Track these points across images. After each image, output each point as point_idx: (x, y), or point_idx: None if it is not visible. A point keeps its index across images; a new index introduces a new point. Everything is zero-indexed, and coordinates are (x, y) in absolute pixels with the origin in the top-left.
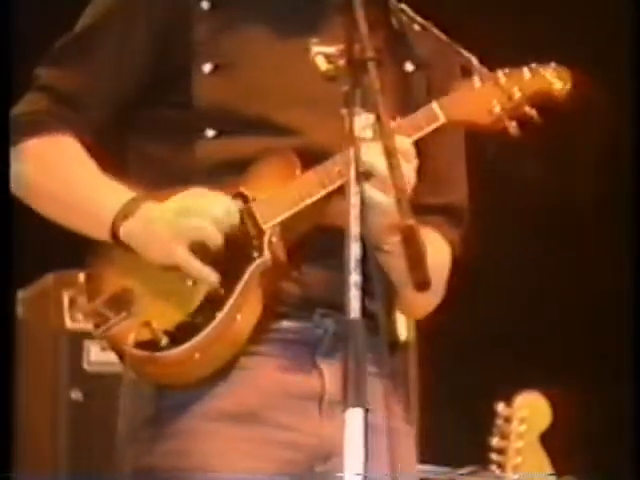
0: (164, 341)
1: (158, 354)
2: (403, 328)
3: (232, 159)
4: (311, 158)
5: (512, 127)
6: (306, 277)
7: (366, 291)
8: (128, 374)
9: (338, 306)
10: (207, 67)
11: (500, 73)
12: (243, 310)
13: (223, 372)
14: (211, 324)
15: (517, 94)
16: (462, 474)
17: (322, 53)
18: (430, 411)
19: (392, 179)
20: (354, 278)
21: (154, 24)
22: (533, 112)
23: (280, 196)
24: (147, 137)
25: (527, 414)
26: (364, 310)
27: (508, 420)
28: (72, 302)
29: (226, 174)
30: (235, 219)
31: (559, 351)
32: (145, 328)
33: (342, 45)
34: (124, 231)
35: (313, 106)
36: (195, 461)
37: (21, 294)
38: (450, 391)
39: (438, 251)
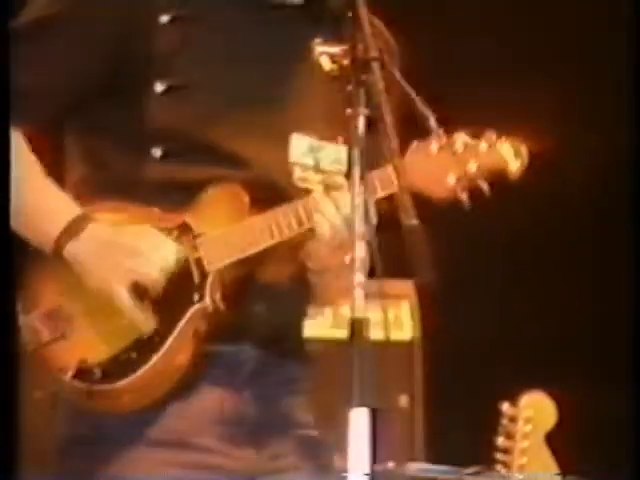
0: (97, 374)
1: (94, 387)
2: (409, 328)
3: (178, 182)
4: (258, 191)
5: (463, 198)
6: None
7: None
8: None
9: (263, 338)
10: (159, 86)
11: (458, 142)
12: (178, 352)
13: (155, 405)
14: (146, 364)
15: (473, 168)
16: (468, 474)
17: (326, 53)
18: (435, 411)
19: (396, 178)
20: (359, 278)
21: (111, 31)
22: (485, 186)
23: (227, 239)
24: (95, 140)
25: (532, 414)
26: None
27: (513, 420)
28: None
29: (172, 197)
30: (179, 264)
31: (564, 351)
32: (81, 363)
33: (346, 45)
34: (69, 251)
35: (264, 136)
36: None
37: None
38: (455, 391)
39: None
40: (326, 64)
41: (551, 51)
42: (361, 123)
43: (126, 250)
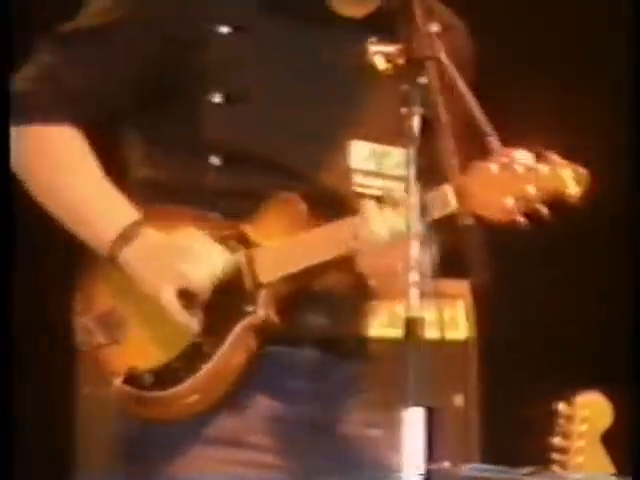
0: (148, 380)
1: (144, 394)
2: (464, 327)
3: (236, 191)
4: (316, 201)
5: (522, 222)
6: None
7: None
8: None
9: (321, 340)
10: (217, 97)
11: (519, 163)
12: (228, 362)
13: (207, 410)
14: (197, 373)
15: (532, 192)
16: (524, 474)
17: (380, 52)
18: (490, 410)
19: (450, 181)
20: (413, 277)
21: (169, 39)
22: (545, 210)
23: (284, 251)
24: (154, 145)
25: (588, 413)
26: None
27: (569, 420)
28: None
29: (230, 205)
30: (228, 273)
31: (620, 350)
32: (132, 369)
33: (401, 44)
34: (124, 256)
35: (323, 146)
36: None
37: None
38: (510, 390)
39: None
40: (380, 63)
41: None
42: (416, 122)
43: (176, 254)
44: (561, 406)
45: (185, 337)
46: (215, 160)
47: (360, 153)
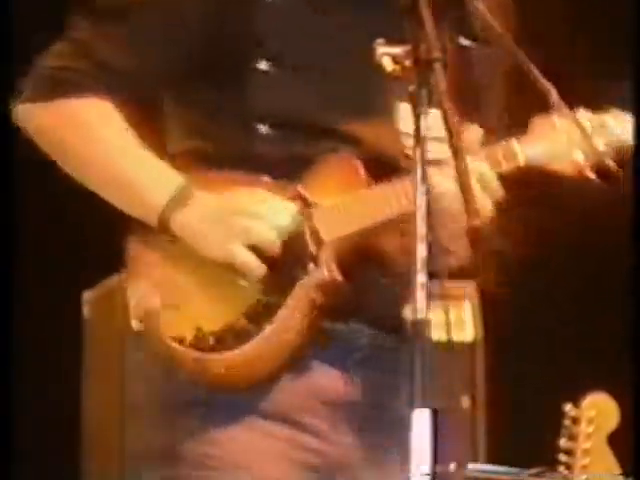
0: (211, 342)
1: (207, 356)
2: (470, 329)
3: (285, 158)
4: (369, 165)
5: (592, 176)
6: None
7: None
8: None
9: (372, 319)
10: (263, 64)
11: (584, 118)
12: (293, 323)
13: (265, 379)
14: (260, 334)
15: (602, 146)
16: (530, 475)
17: (388, 54)
18: (497, 412)
19: (459, 179)
20: (421, 279)
21: (210, 6)
22: (614, 165)
23: (344, 209)
24: (198, 116)
25: (595, 415)
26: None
27: (576, 421)
28: None
29: (280, 171)
30: (296, 227)
31: (627, 352)
32: (197, 331)
33: (408, 45)
34: (176, 222)
35: (371, 111)
36: (225, 451)
37: (87, 295)
38: (517, 392)
39: None
40: (388, 65)
41: None
42: (424, 123)
43: (241, 212)
44: (568, 407)
45: (247, 298)
46: (262, 128)
47: (405, 115)
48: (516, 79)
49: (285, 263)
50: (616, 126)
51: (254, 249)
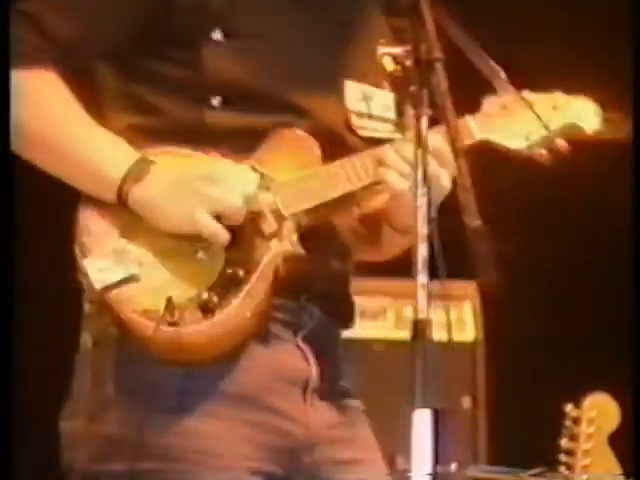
0: (176, 315)
1: (170, 329)
2: (471, 329)
3: (237, 130)
4: (319, 139)
5: (544, 157)
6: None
7: None
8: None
9: (321, 295)
10: (217, 34)
11: (532, 98)
12: (256, 298)
13: (233, 353)
14: (226, 308)
15: (551, 123)
16: (530, 475)
17: (389, 54)
18: (498, 412)
19: (458, 180)
20: (422, 279)
21: None
22: (563, 143)
23: (303, 184)
24: (144, 88)
25: (596, 415)
26: None
27: (577, 421)
28: None
29: (231, 144)
30: (260, 198)
31: (628, 352)
32: (166, 302)
33: (409, 46)
34: (134, 196)
35: (321, 85)
36: (195, 442)
37: None
38: (518, 392)
39: None
40: (389, 65)
41: None
42: (424, 124)
43: (204, 178)
44: (568, 408)
45: (209, 272)
46: (215, 100)
47: (353, 94)
48: (467, 60)
49: (247, 236)
50: (566, 107)
51: (218, 218)
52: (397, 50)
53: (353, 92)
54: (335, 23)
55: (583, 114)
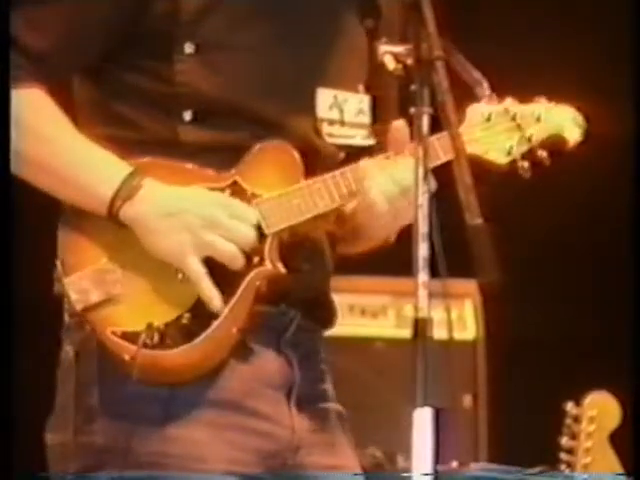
0: (155, 339)
1: (150, 352)
2: (472, 328)
3: (210, 144)
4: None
5: (524, 169)
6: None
7: None
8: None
9: (301, 300)
10: (188, 47)
11: (515, 109)
12: (237, 318)
13: (215, 370)
14: (206, 331)
15: (534, 136)
16: (531, 474)
17: (390, 52)
18: (499, 411)
19: (459, 178)
20: (422, 277)
21: None
22: (545, 155)
23: (285, 201)
24: (119, 101)
25: (596, 413)
26: None
27: (577, 420)
28: None
29: (206, 159)
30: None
31: (628, 350)
32: (139, 325)
33: (410, 44)
34: (127, 213)
35: (294, 97)
36: (181, 448)
37: None
38: (519, 390)
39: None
40: (390, 63)
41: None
42: (425, 122)
43: (202, 219)
44: (569, 406)
45: (190, 294)
46: (187, 114)
47: (325, 101)
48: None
49: None
50: (548, 117)
51: (211, 261)
52: (398, 49)
53: (325, 99)
54: (308, 33)
55: (567, 124)
